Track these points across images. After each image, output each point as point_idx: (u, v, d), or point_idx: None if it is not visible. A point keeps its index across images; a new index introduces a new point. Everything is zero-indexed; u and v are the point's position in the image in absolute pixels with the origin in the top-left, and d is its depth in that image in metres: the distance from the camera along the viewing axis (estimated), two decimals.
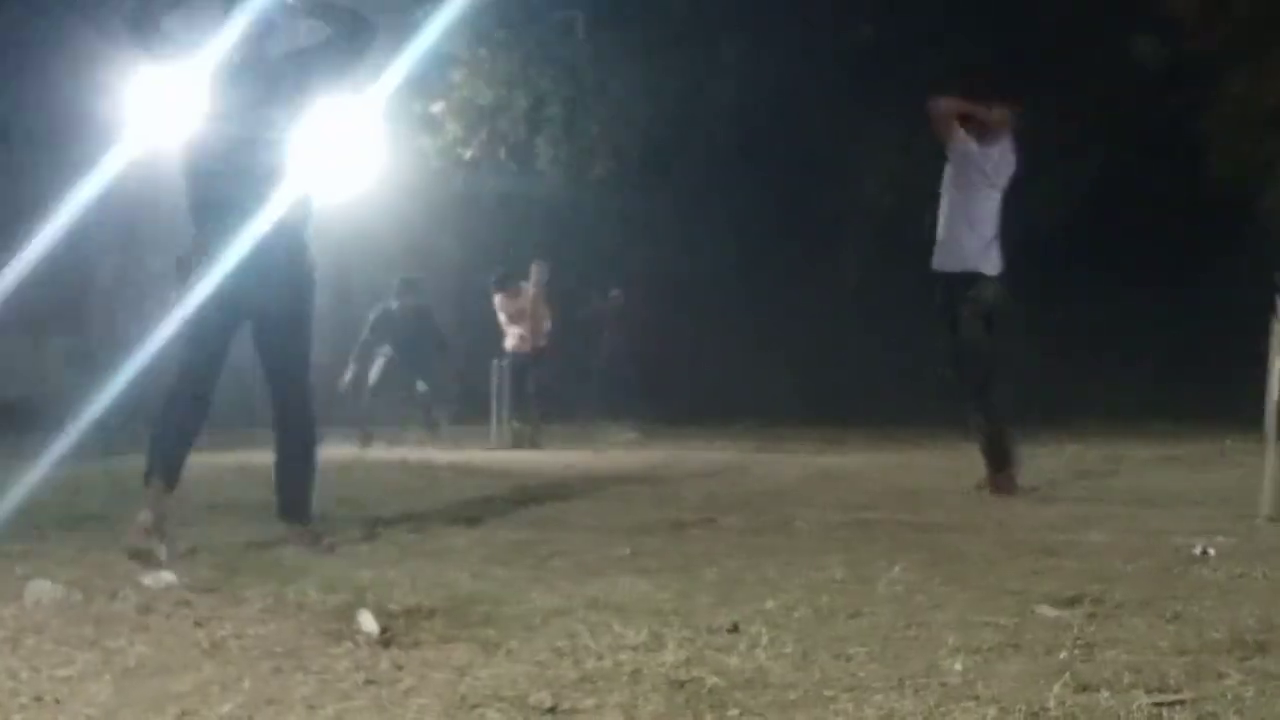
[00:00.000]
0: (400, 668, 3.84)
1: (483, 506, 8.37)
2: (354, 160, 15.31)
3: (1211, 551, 6.01)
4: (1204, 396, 19.66)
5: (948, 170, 10.07)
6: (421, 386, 16.87)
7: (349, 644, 4.15)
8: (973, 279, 9.86)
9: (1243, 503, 7.90)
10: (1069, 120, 24.85)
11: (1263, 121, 20.27)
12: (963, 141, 9.85)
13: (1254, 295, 8.29)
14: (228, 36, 6.82)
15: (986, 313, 9.91)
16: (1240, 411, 10.76)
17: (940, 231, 10.06)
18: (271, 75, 6.83)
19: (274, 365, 6.89)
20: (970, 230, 9.95)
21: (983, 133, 9.89)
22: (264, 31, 6.85)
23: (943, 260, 9.97)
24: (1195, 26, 20.47)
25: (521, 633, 4.28)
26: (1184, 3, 20.53)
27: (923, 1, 24.54)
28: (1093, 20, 23.30)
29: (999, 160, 9.98)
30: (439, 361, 17.34)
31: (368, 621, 4.37)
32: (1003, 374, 10.16)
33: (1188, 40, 20.50)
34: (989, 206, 10.02)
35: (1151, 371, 23.59)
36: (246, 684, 3.68)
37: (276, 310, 6.76)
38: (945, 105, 9.93)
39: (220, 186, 6.66)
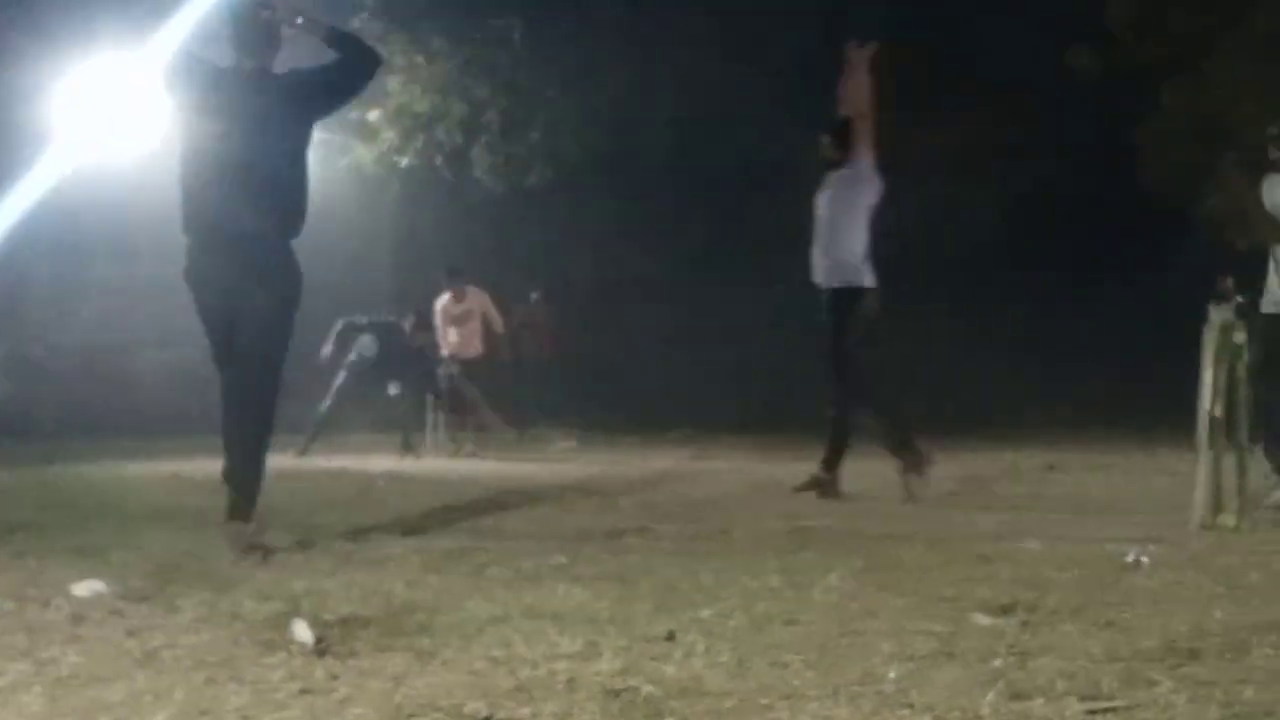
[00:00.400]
0: (335, 677, 3.82)
1: (419, 515, 8.35)
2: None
3: (1145, 559, 6.05)
4: (1138, 404, 19.82)
5: (836, 186, 10.35)
6: (393, 389, 16.72)
7: (283, 654, 4.13)
8: (858, 293, 10.12)
9: (1175, 510, 7.96)
10: (1007, 129, 25.04)
11: (1197, 132, 20.44)
12: (867, 159, 10.24)
13: (1189, 304, 8.36)
14: (229, 50, 6.98)
15: (870, 326, 10.17)
16: (1173, 419, 10.83)
17: (826, 247, 10.35)
18: (271, 91, 6.94)
19: (244, 368, 6.92)
20: (856, 245, 10.21)
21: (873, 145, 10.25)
22: (265, 47, 6.99)
23: (829, 276, 10.23)
24: (1131, 39, 20.63)
25: (457, 641, 4.27)
26: (1120, 15, 20.69)
27: (861, 11, 24.61)
28: (1031, 31, 23.45)
29: (878, 179, 10.37)
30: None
31: (302, 631, 4.34)
32: (892, 377, 10.62)
33: (1124, 52, 20.66)
34: (866, 221, 10.31)
35: (1086, 379, 23.76)
36: (179, 694, 3.65)
37: (257, 317, 6.84)
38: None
39: (213, 200, 6.80)
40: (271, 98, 6.92)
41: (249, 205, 6.79)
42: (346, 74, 7.18)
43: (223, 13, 7.02)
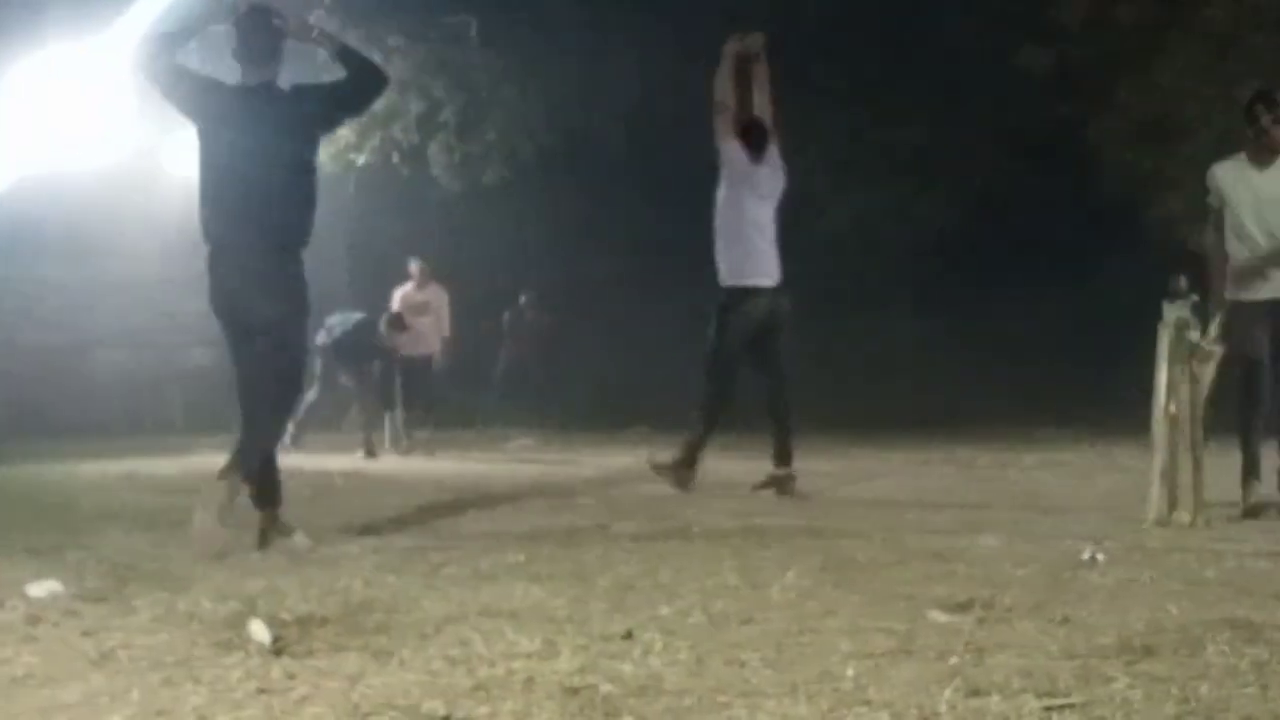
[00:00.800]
0: (292, 677, 3.81)
1: (376, 514, 8.33)
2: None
3: (1100, 556, 6.08)
4: (1093, 402, 19.90)
5: (720, 183, 10.34)
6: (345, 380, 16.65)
7: (240, 653, 4.12)
8: (747, 292, 10.14)
9: (1130, 508, 8.00)
10: (959, 128, 25.09)
11: (1149, 130, 20.53)
12: (732, 148, 10.24)
13: (1143, 302, 8.39)
14: (234, 64, 7.14)
15: (754, 326, 10.20)
16: (1128, 417, 10.88)
17: (718, 244, 10.32)
18: (279, 105, 7.10)
19: (261, 372, 7.07)
20: (733, 243, 10.21)
21: (748, 141, 10.26)
22: (271, 60, 7.13)
23: (721, 276, 10.27)
24: (1082, 36, 20.70)
25: (415, 641, 4.26)
26: (1071, 13, 20.75)
27: (814, 9, 24.65)
28: (982, 29, 23.49)
29: (770, 173, 10.32)
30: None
31: (259, 630, 4.33)
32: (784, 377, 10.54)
33: (1075, 49, 20.73)
34: (763, 217, 10.23)
35: (1041, 377, 23.81)
36: (136, 695, 3.64)
37: (268, 328, 6.99)
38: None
39: (223, 211, 6.98)
40: (279, 111, 7.07)
41: (255, 218, 6.95)
42: (355, 91, 7.42)
43: (229, 26, 7.14)
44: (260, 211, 6.94)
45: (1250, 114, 8.54)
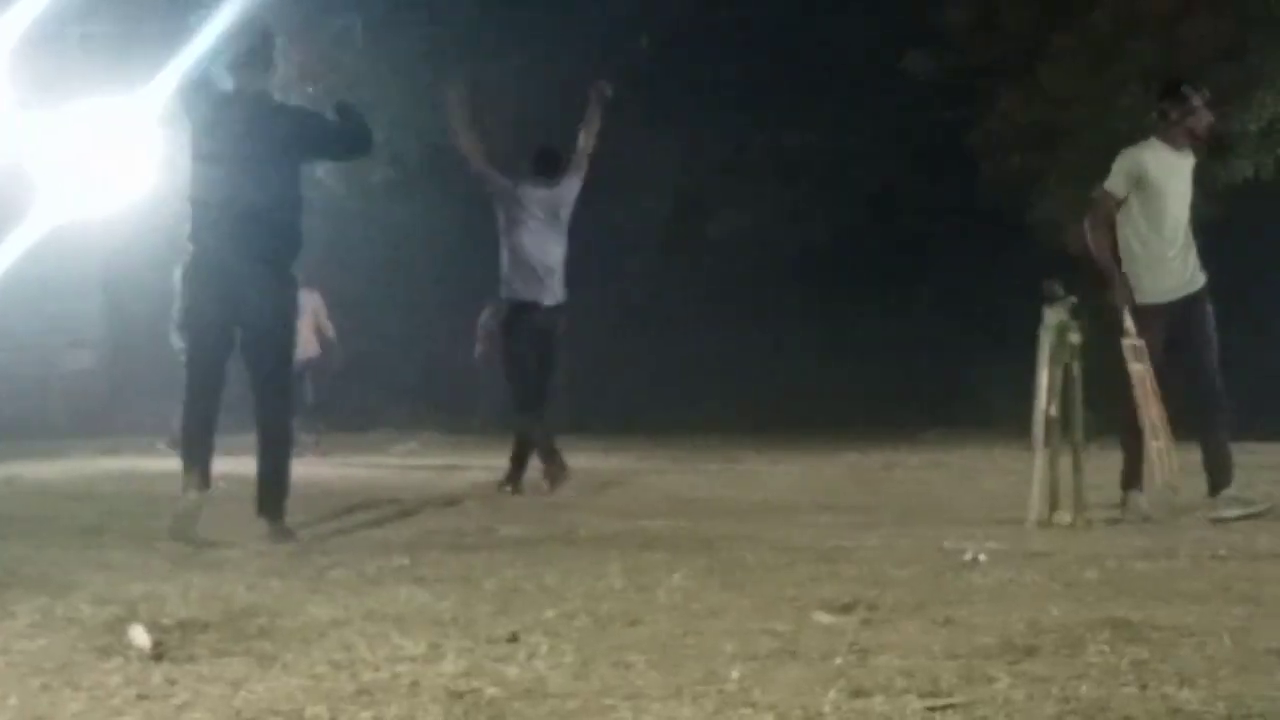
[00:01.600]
0: (173, 682, 3.77)
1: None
2: (128, 166, 15.04)
3: (982, 557, 6.13)
4: (978, 404, 20.09)
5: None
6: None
7: (120, 659, 4.07)
8: (525, 308, 10.57)
9: (1013, 509, 8.07)
10: (847, 133, 25.23)
11: (1032, 136, 20.72)
12: (488, 176, 10.87)
13: (1025, 306, 8.47)
14: (232, 75, 7.32)
15: (534, 340, 10.60)
16: (1010, 419, 11.00)
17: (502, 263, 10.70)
18: (276, 116, 7.37)
19: (258, 379, 7.37)
20: (520, 262, 10.61)
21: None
22: (265, 71, 7.37)
23: (503, 290, 10.75)
24: (967, 42, 20.87)
25: (298, 645, 4.23)
26: (956, 19, 20.92)
27: (701, 13, 24.73)
28: (868, 34, 23.63)
29: (547, 195, 10.71)
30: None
31: (140, 636, 4.28)
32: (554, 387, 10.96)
33: (960, 55, 20.90)
34: (539, 238, 10.63)
35: (927, 379, 24.01)
36: (14, 701, 3.58)
37: (262, 329, 7.28)
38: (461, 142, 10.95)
39: (216, 216, 7.19)
40: (275, 122, 7.30)
41: (246, 225, 7.14)
42: (345, 144, 7.82)
43: (225, 38, 7.28)
44: (254, 220, 7.13)
45: (1176, 98, 8.46)
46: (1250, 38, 18.20)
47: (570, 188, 10.75)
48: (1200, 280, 8.42)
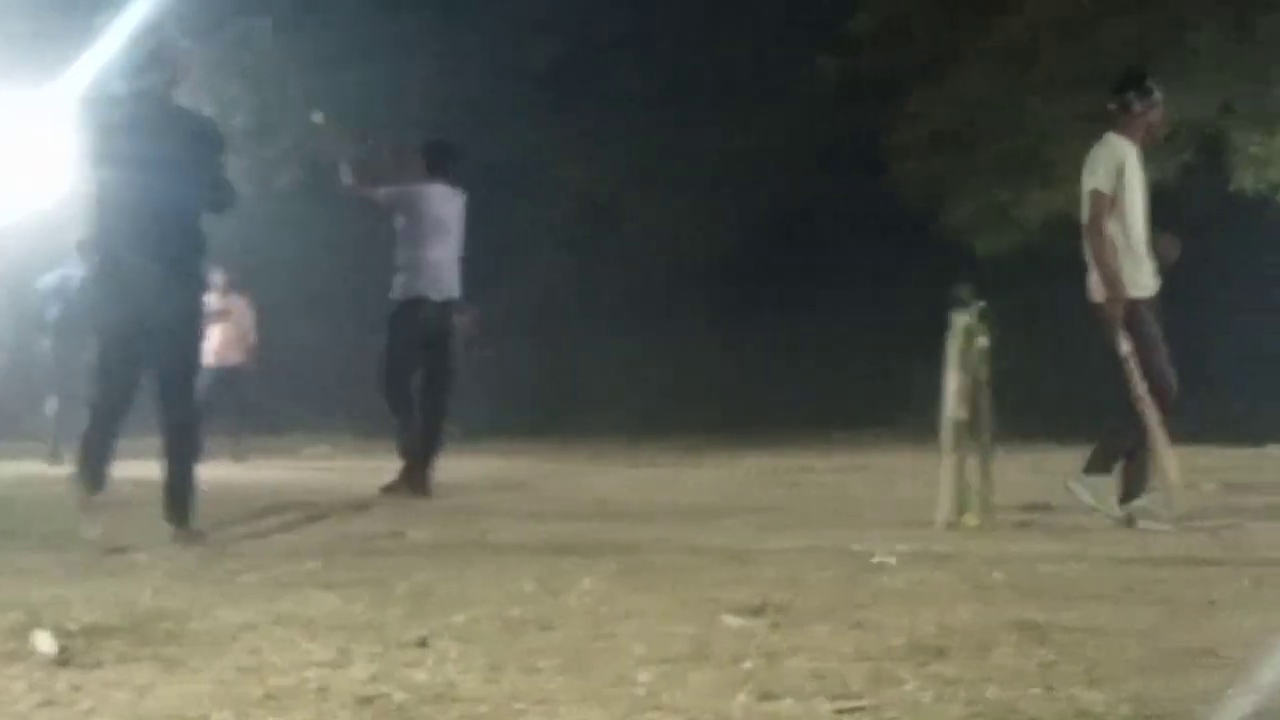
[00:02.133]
0: (79, 688, 3.73)
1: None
2: (32, 167, 14.91)
3: (892, 560, 6.16)
4: (890, 407, 20.21)
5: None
6: None
7: (24, 665, 4.02)
8: (414, 304, 10.69)
9: (923, 511, 8.12)
10: (757, 137, 25.32)
11: (943, 140, 20.87)
12: (391, 199, 10.87)
13: (936, 309, 8.52)
14: (135, 83, 7.33)
15: (419, 335, 10.69)
16: (919, 423, 11.06)
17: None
18: (175, 123, 7.34)
19: (163, 382, 7.37)
20: (416, 262, 10.73)
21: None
22: (170, 80, 7.35)
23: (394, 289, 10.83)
24: (876, 47, 20.99)
25: (206, 650, 4.19)
26: (867, 23, 21.03)
27: (609, 17, 24.76)
28: (777, 38, 23.72)
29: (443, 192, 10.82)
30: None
31: (44, 641, 4.24)
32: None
33: (869, 60, 21.03)
34: (431, 241, 10.74)
35: (840, 382, 24.12)
36: None
37: (167, 332, 7.28)
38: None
39: (118, 220, 7.21)
40: (176, 125, 7.32)
41: (149, 227, 7.16)
42: (219, 195, 7.57)
43: (132, 41, 7.28)
44: (156, 222, 7.15)
45: (1142, 90, 8.30)
46: (1164, 43, 18.37)
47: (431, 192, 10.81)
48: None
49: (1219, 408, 16.41)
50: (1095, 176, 8.16)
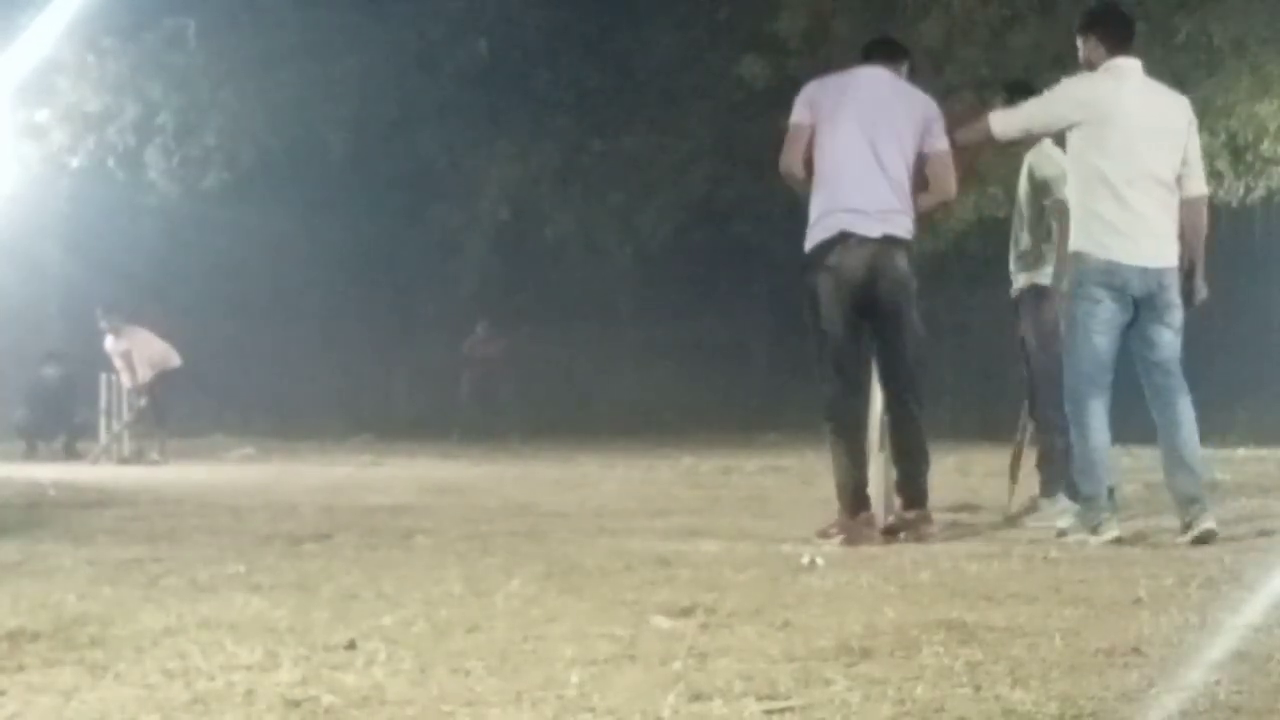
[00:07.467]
0: (3, 693, 3.69)
1: (91, 524, 8.14)
2: None
3: (819, 560, 6.18)
4: (813, 408, 20.25)
5: None
6: None
7: None
8: None
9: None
10: (680, 138, 25.35)
11: None
12: None
13: None
14: None
15: None
16: None
17: None
18: None
19: None
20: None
21: None
22: None
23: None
24: (800, 47, 21.04)
25: (131, 654, 4.16)
26: (790, 26, 21.08)
27: (537, 18, 24.77)
28: (702, 40, 23.75)
29: None
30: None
31: None
32: None
33: (794, 61, 21.05)
34: None
35: (762, 383, 24.19)
36: None
37: None
38: None
39: None
40: None
41: None
42: None
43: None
44: None
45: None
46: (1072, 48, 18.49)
47: None
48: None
49: (1141, 409, 16.53)
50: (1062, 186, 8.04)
